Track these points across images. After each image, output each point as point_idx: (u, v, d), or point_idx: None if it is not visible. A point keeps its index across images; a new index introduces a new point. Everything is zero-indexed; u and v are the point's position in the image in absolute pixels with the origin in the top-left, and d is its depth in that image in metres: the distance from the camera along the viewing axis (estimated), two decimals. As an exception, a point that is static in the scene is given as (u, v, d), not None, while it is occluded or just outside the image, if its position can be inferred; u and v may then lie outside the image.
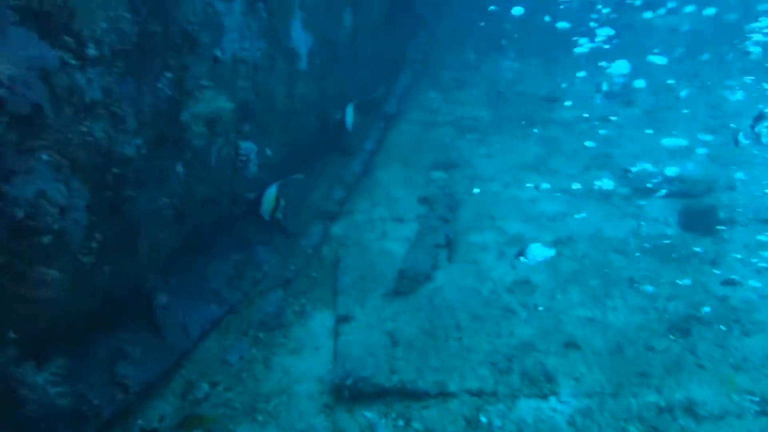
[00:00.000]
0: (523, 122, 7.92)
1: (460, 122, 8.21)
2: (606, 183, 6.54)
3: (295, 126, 5.95)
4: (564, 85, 8.62)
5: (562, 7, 9.91)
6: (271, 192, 5.32)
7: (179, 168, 3.99)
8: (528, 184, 6.63)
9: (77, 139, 2.99)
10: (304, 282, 5.38)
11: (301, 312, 5.00)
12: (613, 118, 7.96)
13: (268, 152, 5.37)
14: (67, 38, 2.95)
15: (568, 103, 8.11)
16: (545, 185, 6.57)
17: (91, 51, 3.11)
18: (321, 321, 4.86)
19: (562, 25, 8.29)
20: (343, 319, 4.73)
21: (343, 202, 6.61)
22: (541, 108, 8.15)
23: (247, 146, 4.73)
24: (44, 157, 2.74)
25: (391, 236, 6.00)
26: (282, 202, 5.41)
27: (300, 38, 5.80)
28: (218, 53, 4.39)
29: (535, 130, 7.64)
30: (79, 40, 3.04)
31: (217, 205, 4.65)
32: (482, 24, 11.05)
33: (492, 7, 9.76)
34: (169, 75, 3.82)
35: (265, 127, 5.26)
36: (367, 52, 7.70)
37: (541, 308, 4.75)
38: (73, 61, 2.97)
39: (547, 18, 9.82)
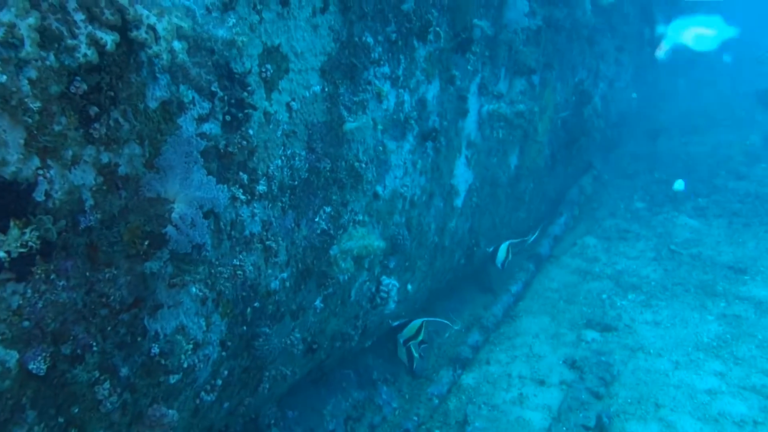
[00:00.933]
0: (701, 291, 6.83)
1: (621, 278, 7.35)
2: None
3: (441, 262, 5.69)
4: (755, 255, 7.41)
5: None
6: (416, 324, 5.03)
7: (318, 302, 3.86)
8: (706, 371, 5.51)
9: (227, 272, 2.97)
10: (423, 439, 4.82)
11: (415, 478, 4.41)
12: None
13: (409, 287, 5.13)
14: (242, 175, 3.03)
15: (760, 278, 6.88)
16: (729, 377, 5.39)
17: (261, 187, 3.17)
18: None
19: (761, 189, 7.28)
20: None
21: (478, 348, 6.05)
22: (725, 278, 7.00)
23: (389, 283, 4.52)
24: (193, 290, 2.71)
25: (530, 402, 5.25)
26: (424, 336, 5.08)
27: (462, 176, 5.69)
28: (380, 189, 4.36)
29: (720, 304, 6.50)
30: (253, 177, 3.12)
31: (348, 339, 4.43)
32: (656, 175, 10.29)
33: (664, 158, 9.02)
34: (328, 209, 3.81)
35: (411, 263, 5.06)
36: (527, 192, 7.40)
37: None
38: (242, 197, 3.03)
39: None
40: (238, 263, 3.04)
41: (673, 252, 7.82)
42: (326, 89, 3.65)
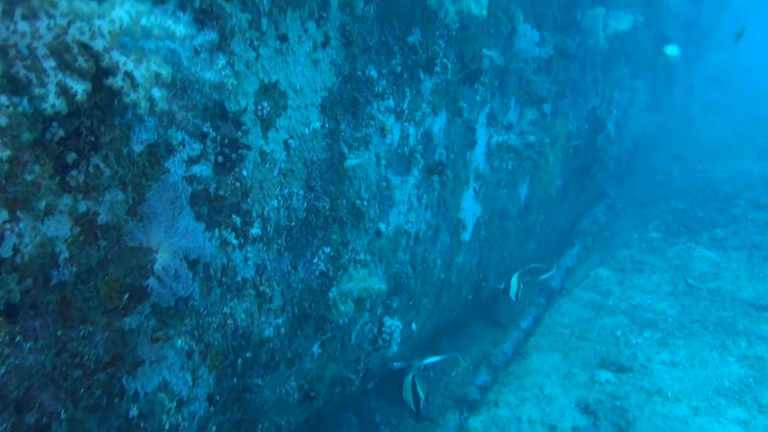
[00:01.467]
0: (720, 329, 6.53)
1: (636, 313, 7.07)
2: None
3: (448, 298, 5.48)
4: (778, 290, 7.10)
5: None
6: (423, 363, 4.83)
7: (316, 348, 3.67)
8: (728, 419, 5.20)
9: (217, 321, 2.80)
10: (426, 489, 4.56)
11: None
12: None
13: (414, 327, 4.93)
14: (234, 217, 2.88)
15: (784, 316, 6.58)
16: (753, 425, 5.08)
17: (256, 230, 3.02)
18: None
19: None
20: None
21: (486, 389, 5.80)
22: (746, 316, 6.70)
23: (392, 324, 4.33)
24: (178, 343, 2.55)
25: (540, 449, 4.98)
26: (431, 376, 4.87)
27: (469, 209, 5.51)
28: (382, 227, 4.19)
29: (741, 344, 6.20)
30: (246, 220, 2.97)
31: (348, 384, 4.22)
32: (672, 203, 10.03)
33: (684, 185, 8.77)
34: (327, 250, 3.64)
35: (416, 301, 4.86)
36: (538, 223, 7.19)
37: None
38: (234, 241, 2.87)
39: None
40: (228, 311, 2.87)
41: (691, 286, 7.53)
42: (327, 125, 3.52)
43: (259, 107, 2.98)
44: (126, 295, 2.21)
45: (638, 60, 10.10)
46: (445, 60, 4.55)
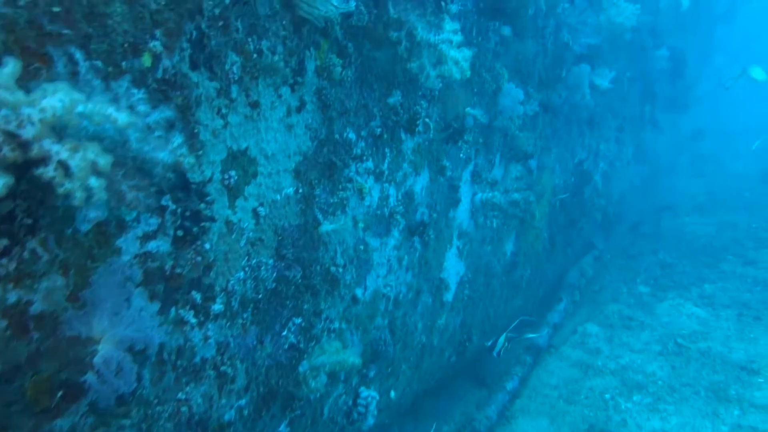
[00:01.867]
0: (712, 395, 6.31)
1: (625, 374, 6.84)
2: None
3: (429, 362, 5.25)
4: (767, 354, 6.93)
5: None
6: None
7: (283, 427, 3.42)
8: (721, 497, 4.94)
9: (169, 409, 2.57)
10: None
11: None
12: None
13: (392, 394, 4.68)
14: (194, 294, 2.69)
15: (775, 381, 6.38)
16: (748, 505, 4.82)
17: (218, 306, 2.82)
18: None
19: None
20: None
21: (469, 458, 5.51)
22: (737, 380, 6.50)
23: (368, 395, 4.09)
24: (121, 439, 2.31)
25: None
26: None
27: (452, 268, 5.34)
28: (359, 292, 4.01)
29: (733, 411, 5.98)
30: (208, 295, 2.78)
31: (318, 461, 3.94)
32: (660, 256, 9.93)
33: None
34: (298, 320, 3.44)
35: (395, 368, 4.63)
36: (524, 278, 7.03)
37: None
38: (192, 320, 2.67)
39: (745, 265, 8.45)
40: (184, 397, 2.64)
41: (680, 346, 7.34)
42: (301, 190, 3.37)
43: (227, 176, 2.83)
44: (59, 394, 2.00)
45: (625, 113, 10.19)
46: (427, 119, 4.47)
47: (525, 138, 6.13)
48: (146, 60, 2.34)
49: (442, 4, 3.57)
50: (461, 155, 5.17)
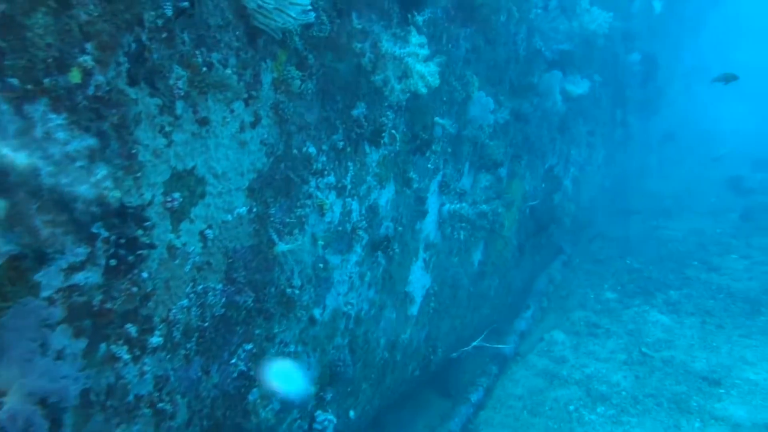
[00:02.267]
0: (674, 406, 6.35)
1: (590, 384, 6.84)
2: None
3: (392, 378, 5.12)
4: (729, 364, 7.01)
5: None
6: None
7: (231, 460, 3.24)
8: None
9: (98, 455, 2.36)
10: None
11: None
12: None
13: (352, 414, 4.53)
14: (128, 327, 2.48)
15: (735, 392, 6.45)
16: None
17: (156, 339, 2.61)
18: None
19: (741, 285, 6.95)
20: None
21: (431, 474, 5.41)
22: (699, 391, 6.56)
23: (325, 419, 3.93)
24: (39, 494, 2.10)
25: None
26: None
27: (418, 281, 5.21)
28: (317, 313, 3.83)
29: (694, 424, 6.02)
30: (145, 327, 2.57)
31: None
32: (628, 261, 10.00)
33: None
34: (248, 347, 3.25)
35: (355, 387, 4.49)
36: (492, 287, 6.96)
37: None
38: (125, 356, 2.46)
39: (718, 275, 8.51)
40: (114, 440, 2.44)
41: (645, 355, 7.38)
42: (255, 210, 3.17)
43: (169, 198, 2.62)
44: (-41, 456, 1.78)
45: (596, 117, 10.19)
46: (393, 131, 4.30)
47: (495, 147, 6.01)
48: (74, 76, 2.12)
49: (409, 16, 3.39)
50: (429, 165, 5.02)
